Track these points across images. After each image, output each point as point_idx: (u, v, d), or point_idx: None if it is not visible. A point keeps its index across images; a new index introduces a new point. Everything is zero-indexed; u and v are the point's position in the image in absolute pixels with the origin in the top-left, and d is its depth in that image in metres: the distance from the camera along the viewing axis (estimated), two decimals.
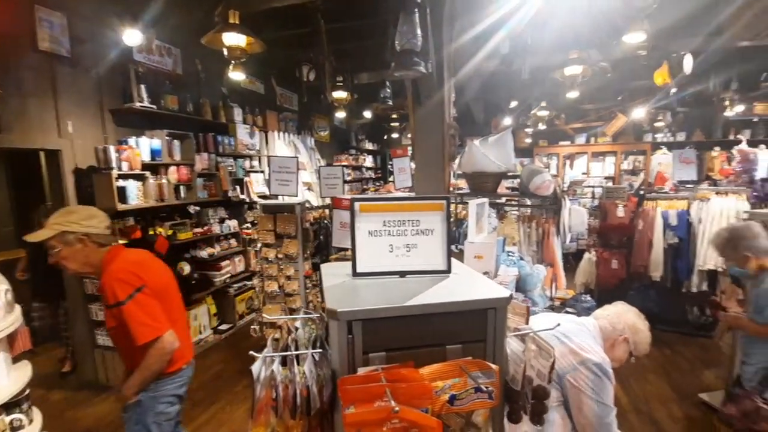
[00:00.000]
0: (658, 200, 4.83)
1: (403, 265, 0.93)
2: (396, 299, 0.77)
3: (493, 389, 0.69)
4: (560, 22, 3.47)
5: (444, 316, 0.76)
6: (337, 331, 0.72)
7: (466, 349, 0.76)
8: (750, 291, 2.30)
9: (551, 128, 8.49)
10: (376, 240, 0.91)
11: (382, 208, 0.90)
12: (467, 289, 0.84)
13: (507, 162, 3.41)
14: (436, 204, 0.91)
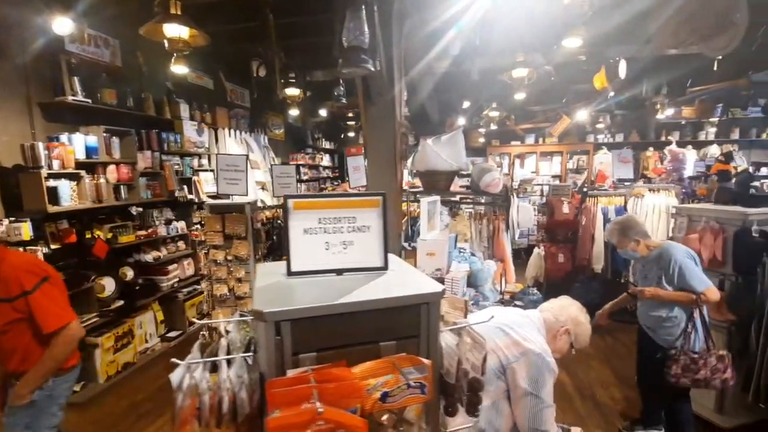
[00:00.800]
0: (599, 197, 5.14)
1: (340, 263, 0.91)
2: (328, 297, 0.75)
3: (426, 384, 0.70)
4: (507, 25, 3.60)
5: (377, 313, 0.76)
6: (264, 332, 0.69)
7: (401, 345, 0.76)
8: (642, 268, 2.68)
9: (502, 129, 8.80)
10: (311, 238, 0.89)
11: (316, 206, 0.88)
12: (401, 285, 0.84)
13: (458, 160, 3.49)
14: (372, 200, 0.90)
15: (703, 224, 3.07)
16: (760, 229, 2.83)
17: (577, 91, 6.43)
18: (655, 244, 2.66)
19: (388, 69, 2.44)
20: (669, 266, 2.50)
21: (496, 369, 1.58)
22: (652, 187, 5.30)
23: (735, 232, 2.89)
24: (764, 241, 2.75)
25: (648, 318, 2.66)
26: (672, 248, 2.58)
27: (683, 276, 2.47)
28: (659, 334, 2.60)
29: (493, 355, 1.59)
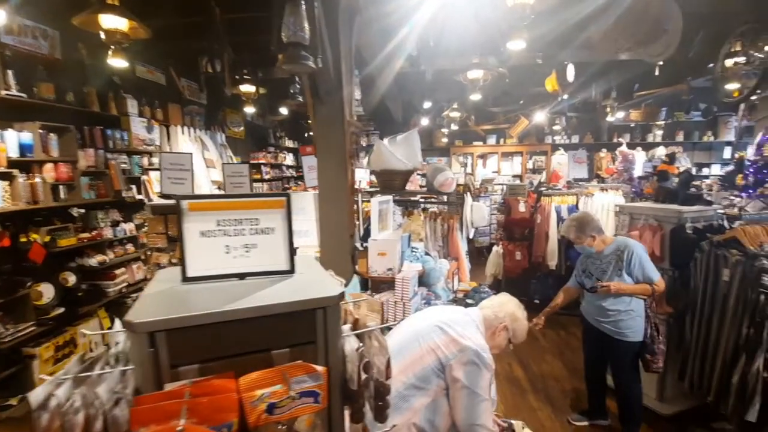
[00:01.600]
0: (553, 196, 5.30)
1: (243, 267, 0.87)
2: (216, 304, 0.71)
3: (320, 392, 0.67)
4: (460, 27, 3.64)
5: (269, 319, 0.72)
6: (136, 344, 0.64)
7: (296, 352, 0.73)
8: (600, 264, 2.73)
9: (465, 129, 8.94)
10: (209, 241, 0.84)
11: (215, 207, 0.83)
12: (301, 290, 0.81)
13: (414, 160, 3.50)
14: (275, 201, 0.87)
15: (642, 222, 3.22)
16: (693, 226, 3.00)
17: (534, 94, 6.62)
18: (609, 240, 2.75)
19: (335, 67, 2.40)
20: (631, 260, 2.60)
21: (436, 367, 1.59)
22: (604, 186, 5.53)
23: (671, 229, 3.05)
24: (697, 238, 2.91)
25: (602, 312, 2.72)
26: (630, 243, 2.69)
27: (643, 268, 2.59)
28: (619, 327, 2.68)
29: (432, 354, 1.60)
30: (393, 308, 2.75)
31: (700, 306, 2.81)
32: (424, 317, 1.80)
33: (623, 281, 2.59)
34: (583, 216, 2.82)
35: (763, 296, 2.39)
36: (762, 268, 2.41)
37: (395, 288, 2.73)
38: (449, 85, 5.19)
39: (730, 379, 2.56)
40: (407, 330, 1.74)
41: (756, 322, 2.43)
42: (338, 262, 2.88)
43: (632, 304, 2.64)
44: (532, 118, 7.78)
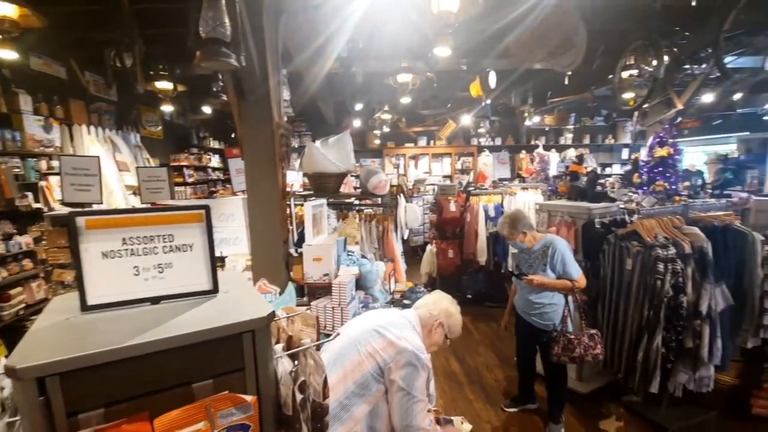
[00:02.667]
0: (481, 195, 5.58)
1: (156, 290, 0.77)
2: (125, 336, 0.62)
3: (250, 424, 0.61)
4: (390, 30, 3.68)
5: (187, 349, 0.64)
6: (23, 392, 0.53)
7: (222, 383, 0.66)
8: (528, 258, 2.91)
9: (397, 131, 9.10)
10: (114, 263, 0.73)
11: (119, 223, 0.73)
12: (225, 313, 0.74)
13: (347, 163, 3.45)
14: (192, 215, 0.78)
15: (559, 218, 3.49)
16: (601, 221, 3.32)
17: (460, 98, 6.92)
18: (539, 236, 2.93)
19: (261, 65, 2.28)
20: (554, 256, 2.79)
21: (375, 372, 1.58)
22: (525, 185, 5.94)
23: (583, 224, 3.34)
24: (605, 231, 3.23)
25: (529, 305, 2.92)
26: (555, 240, 2.87)
27: (565, 264, 2.78)
28: (543, 319, 2.88)
29: (371, 359, 1.59)
30: (331, 314, 2.69)
31: (609, 293, 3.11)
32: (361, 322, 1.78)
33: (547, 276, 2.78)
34: (516, 213, 2.99)
35: (659, 281, 2.72)
36: (657, 256, 2.73)
37: (332, 293, 2.67)
38: (380, 87, 5.24)
39: (636, 356, 2.87)
40: (345, 336, 1.71)
41: (654, 304, 2.75)
42: (272, 270, 2.76)
43: (555, 298, 2.86)
44: (459, 121, 8.14)
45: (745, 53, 3.77)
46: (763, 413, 3.02)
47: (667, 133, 3.82)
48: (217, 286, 0.82)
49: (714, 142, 8.19)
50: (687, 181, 4.67)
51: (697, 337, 2.73)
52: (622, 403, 3.30)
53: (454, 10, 2.18)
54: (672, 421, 3.00)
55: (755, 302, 2.89)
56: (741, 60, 4.44)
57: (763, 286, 2.89)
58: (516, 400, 3.32)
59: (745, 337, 2.96)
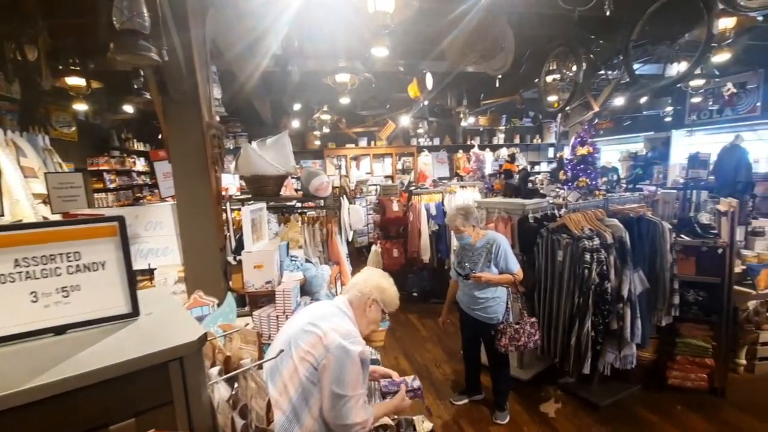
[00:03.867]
0: (422, 195, 5.69)
1: (60, 318, 0.65)
2: (19, 378, 0.51)
3: None
4: (329, 30, 3.61)
5: (100, 387, 0.55)
6: None
7: (146, 421, 0.57)
8: (472, 256, 2.97)
9: (337, 131, 9.01)
10: (5, 289, 0.61)
11: (10, 241, 0.60)
12: (147, 338, 0.65)
13: (286, 164, 3.33)
14: (103, 228, 0.67)
15: (496, 215, 3.65)
16: (534, 216, 3.52)
17: (398, 99, 7.01)
18: (483, 233, 3.01)
19: (186, 61, 2.11)
20: (498, 252, 2.89)
21: (311, 375, 1.51)
22: (463, 184, 6.15)
23: (518, 219, 3.52)
24: (538, 226, 3.42)
25: (474, 300, 2.99)
26: (497, 237, 2.98)
27: (507, 260, 2.91)
28: (488, 313, 2.97)
29: (304, 362, 1.51)
30: (275, 323, 2.58)
31: (544, 283, 3.30)
32: (293, 323, 1.71)
33: (491, 272, 2.89)
34: (469, 207, 3.05)
35: (586, 270, 2.93)
36: (584, 247, 2.94)
37: (276, 301, 2.56)
38: (319, 87, 5.14)
39: (570, 341, 3.08)
40: (280, 341, 1.63)
41: (583, 292, 2.96)
42: (208, 281, 2.58)
43: (497, 292, 2.98)
44: (398, 121, 8.25)
45: (649, 61, 4.21)
46: (677, 383, 3.38)
47: (586, 134, 4.16)
48: (138, 308, 0.71)
49: (625, 141, 9.10)
50: (605, 177, 5.11)
51: (620, 320, 2.99)
52: (559, 386, 3.52)
53: (390, 11, 2.17)
54: (602, 397, 3.26)
55: (667, 284, 3.22)
56: (646, 67, 4.96)
57: (673, 270, 3.24)
58: (463, 393, 3.42)
59: (660, 315, 3.29)
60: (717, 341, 3.30)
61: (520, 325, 2.95)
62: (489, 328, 2.99)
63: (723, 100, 6.57)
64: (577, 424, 3.08)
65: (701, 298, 3.37)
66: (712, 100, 6.69)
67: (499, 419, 3.12)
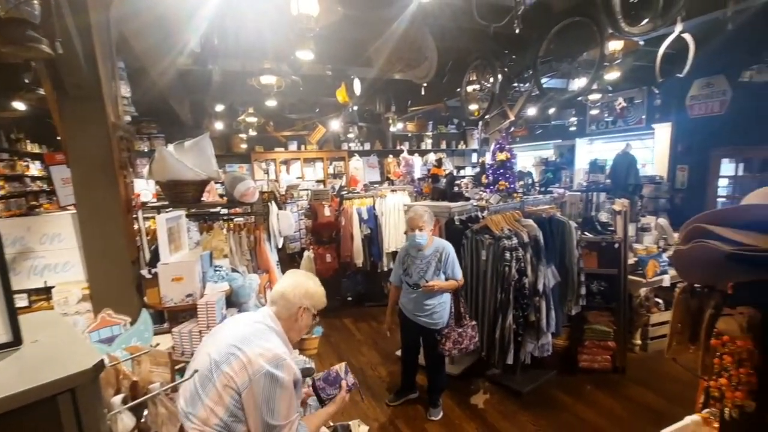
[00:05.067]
0: (353, 199, 5.70)
1: None
2: None
3: None
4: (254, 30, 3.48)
5: None
6: None
7: None
8: (420, 263, 2.98)
9: (265, 135, 8.71)
10: None
11: None
12: (30, 370, 0.56)
13: (208, 169, 3.15)
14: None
15: None
16: (459, 218, 3.70)
17: (327, 103, 6.97)
18: (432, 239, 3.02)
19: (86, 55, 1.90)
20: (447, 260, 2.94)
21: (237, 403, 1.40)
22: (393, 188, 6.27)
23: (445, 222, 3.67)
24: (463, 227, 3.60)
25: (420, 307, 3.01)
26: (446, 244, 3.02)
27: (454, 267, 2.97)
28: (433, 318, 3.01)
29: (228, 390, 1.40)
30: (198, 339, 2.42)
31: (470, 282, 3.48)
32: (215, 340, 1.57)
33: (440, 279, 2.95)
34: (429, 210, 3.05)
35: (506, 268, 3.14)
36: (504, 246, 3.16)
37: (198, 316, 2.40)
38: (244, 88, 4.94)
39: (494, 335, 3.27)
40: (202, 362, 1.49)
41: (504, 288, 3.17)
42: (118, 297, 2.34)
43: (443, 298, 3.05)
44: (328, 125, 8.19)
45: (555, 76, 4.67)
46: (587, 365, 3.75)
47: (504, 140, 4.47)
48: (19, 336, 0.61)
49: (538, 148, 9.94)
50: (522, 181, 5.53)
51: (537, 312, 3.25)
52: (486, 378, 3.72)
53: (314, 15, 2.16)
54: (524, 384, 3.51)
55: (575, 277, 3.57)
56: (553, 81, 5.47)
57: (579, 264, 3.59)
58: (399, 394, 3.46)
59: (570, 306, 3.63)
60: (617, 325, 3.73)
61: (462, 329, 3.04)
62: (433, 333, 3.04)
63: (615, 112, 7.48)
64: (503, 411, 3.28)
65: (603, 288, 3.78)
66: (607, 112, 7.59)
67: (433, 416, 3.21)
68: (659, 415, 3.13)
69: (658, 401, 3.33)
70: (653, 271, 4.01)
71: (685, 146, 6.47)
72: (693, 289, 1.15)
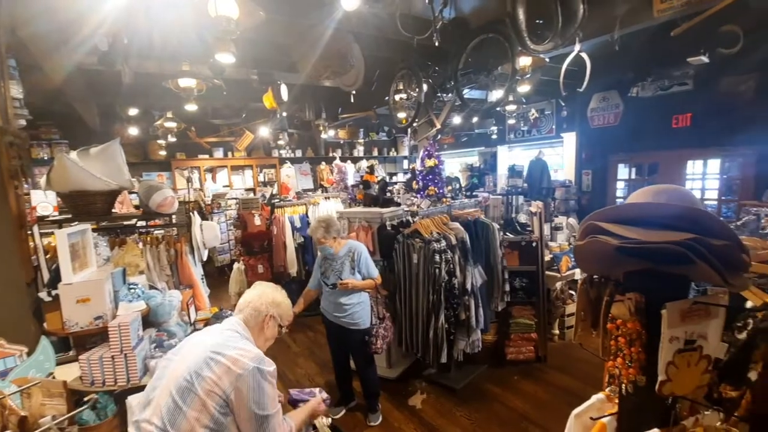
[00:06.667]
0: (285, 207, 5.57)
1: None
2: None
3: None
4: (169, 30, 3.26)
5: None
6: None
7: None
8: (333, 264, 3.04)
9: (187, 141, 8.18)
10: None
11: None
12: None
13: (118, 177, 2.90)
14: None
15: (357, 224, 3.80)
16: (391, 223, 3.78)
17: (255, 109, 6.74)
18: (343, 242, 3.09)
19: None
20: (359, 260, 3.00)
21: (221, 408, 1.42)
22: (327, 195, 6.23)
23: (377, 227, 3.73)
24: (395, 232, 3.68)
25: (340, 308, 3.03)
26: (357, 245, 3.09)
27: (368, 266, 3.04)
28: (354, 318, 3.03)
29: (212, 395, 1.41)
30: (111, 365, 2.20)
31: (403, 285, 3.56)
32: (184, 355, 1.54)
33: (355, 279, 2.99)
34: (330, 218, 3.09)
35: (437, 270, 3.27)
36: (434, 249, 3.28)
37: (110, 339, 2.19)
38: (160, 91, 4.60)
39: (428, 335, 3.37)
40: (176, 377, 1.46)
41: (436, 289, 3.29)
42: (12, 325, 2.07)
43: (362, 297, 3.10)
44: (257, 132, 7.92)
45: (475, 87, 4.98)
46: (513, 357, 4.01)
47: (432, 147, 4.67)
48: None
49: (464, 155, 10.50)
50: (450, 186, 5.80)
51: (467, 310, 3.41)
52: (423, 378, 3.82)
53: (234, 17, 2.08)
54: (458, 380, 3.66)
55: (499, 275, 3.81)
56: (475, 93, 5.83)
57: (503, 262, 3.84)
58: (339, 403, 3.41)
59: (496, 302, 3.86)
60: (538, 318, 4.04)
61: (386, 326, 3.16)
62: (356, 334, 3.07)
63: (530, 122, 8.17)
64: (440, 409, 3.39)
65: (524, 284, 4.09)
66: (522, 122, 8.26)
67: (372, 421, 3.22)
68: (576, 396, 3.39)
69: (575, 384, 3.65)
70: (566, 266, 4.42)
71: (588, 153, 7.24)
72: (592, 280, 1.29)
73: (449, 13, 3.22)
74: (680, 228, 1.00)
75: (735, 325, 1.21)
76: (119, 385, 2.16)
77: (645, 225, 1.08)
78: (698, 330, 1.14)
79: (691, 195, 1.18)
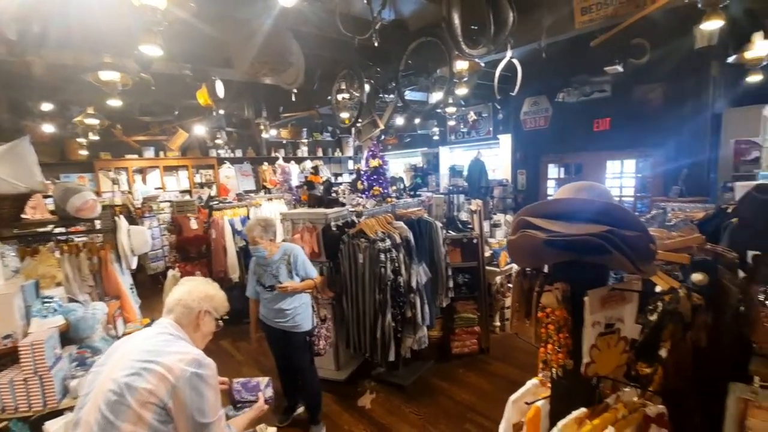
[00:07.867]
0: (225, 209, 5.32)
1: None
2: None
3: None
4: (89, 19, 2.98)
5: None
6: None
7: None
8: (269, 269, 2.93)
9: (113, 140, 7.53)
10: None
11: None
12: None
13: (28, 180, 2.62)
14: None
15: (302, 225, 3.72)
16: (336, 224, 3.74)
17: (189, 106, 6.37)
18: (278, 246, 2.98)
19: None
20: (297, 262, 2.93)
21: (160, 418, 1.32)
22: (270, 196, 6.04)
23: (322, 228, 3.68)
24: (340, 233, 3.65)
25: (281, 313, 2.93)
26: (293, 247, 3.02)
27: (305, 268, 2.98)
28: (296, 322, 2.95)
29: (148, 406, 1.31)
30: (24, 388, 1.99)
31: (349, 285, 3.54)
32: (112, 366, 1.41)
33: (295, 281, 2.92)
34: (269, 219, 2.99)
35: (382, 269, 3.29)
36: (379, 249, 3.30)
37: (21, 360, 1.97)
38: (79, 85, 4.19)
39: (375, 334, 3.39)
40: (103, 390, 1.34)
41: (382, 288, 3.31)
42: None
43: (303, 299, 3.03)
44: (191, 130, 7.48)
45: (416, 89, 5.10)
46: (458, 351, 4.16)
47: (376, 148, 4.70)
48: None
49: (408, 155, 10.70)
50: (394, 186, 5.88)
51: (413, 308, 3.47)
52: (372, 377, 3.83)
53: (161, 8, 1.94)
54: (407, 377, 3.72)
55: (443, 272, 3.92)
56: (417, 94, 5.96)
57: (446, 259, 3.96)
58: (286, 412, 3.31)
59: (441, 299, 3.98)
60: (480, 312, 4.21)
61: (327, 326, 3.16)
62: (298, 336, 3.00)
63: (469, 124, 8.53)
64: (389, 408, 3.42)
65: (467, 279, 4.25)
66: (462, 123, 8.59)
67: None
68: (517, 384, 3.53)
69: (515, 372, 3.86)
70: (505, 261, 4.66)
71: (522, 154, 7.69)
72: (524, 272, 1.37)
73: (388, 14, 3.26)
74: (598, 221, 1.09)
75: (647, 308, 1.35)
76: (35, 411, 1.95)
77: (568, 219, 1.16)
78: (616, 314, 1.25)
79: (606, 191, 1.30)
